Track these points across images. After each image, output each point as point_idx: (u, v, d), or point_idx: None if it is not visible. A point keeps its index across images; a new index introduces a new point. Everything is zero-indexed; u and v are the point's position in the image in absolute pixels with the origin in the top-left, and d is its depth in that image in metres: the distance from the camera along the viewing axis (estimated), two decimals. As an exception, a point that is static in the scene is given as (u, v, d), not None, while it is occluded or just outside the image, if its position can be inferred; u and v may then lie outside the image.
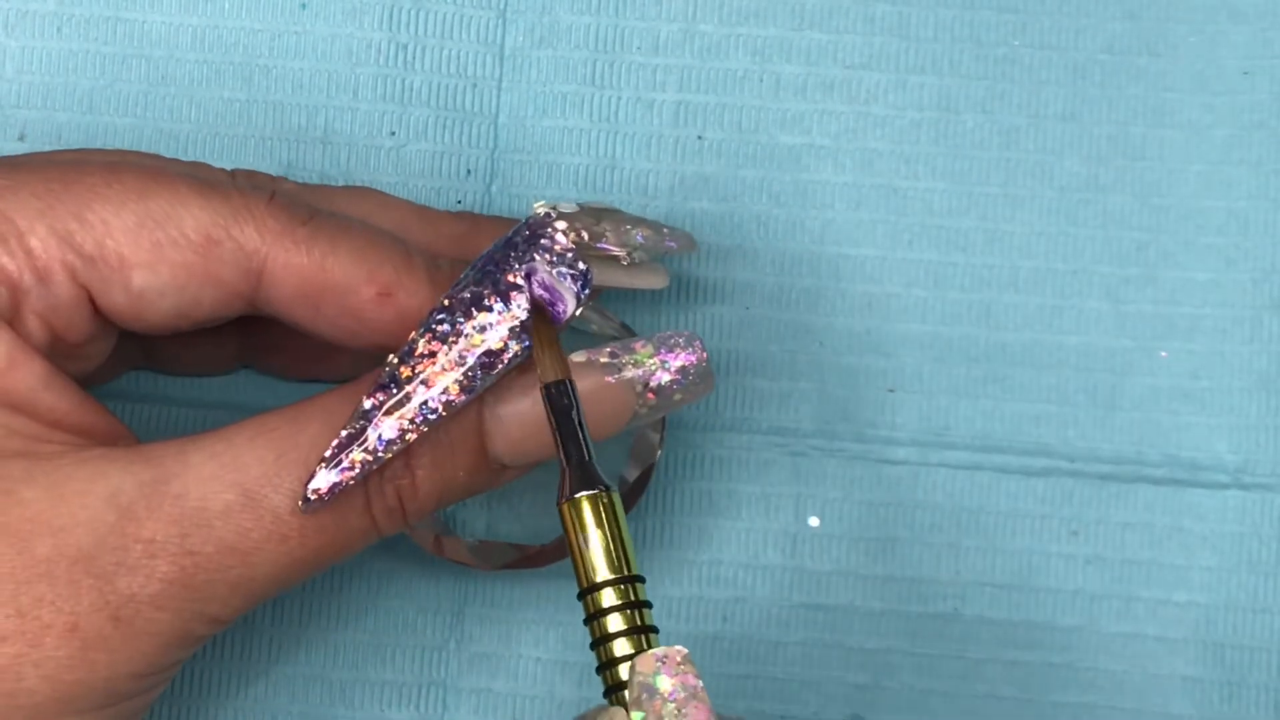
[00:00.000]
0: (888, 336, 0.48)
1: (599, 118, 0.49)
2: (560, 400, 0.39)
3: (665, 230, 0.45)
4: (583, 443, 0.39)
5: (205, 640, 0.41)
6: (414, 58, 0.49)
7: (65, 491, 0.39)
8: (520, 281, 0.40)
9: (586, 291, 0.41)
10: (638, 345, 0.42)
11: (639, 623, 0.38)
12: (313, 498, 0.39)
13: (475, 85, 0.49)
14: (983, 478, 0.48)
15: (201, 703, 0.47)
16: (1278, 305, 0.48)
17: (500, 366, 0.40)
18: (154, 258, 0.40)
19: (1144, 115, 0.49)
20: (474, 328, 0.40)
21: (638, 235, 0.44)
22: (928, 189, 0.49)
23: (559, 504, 0.38)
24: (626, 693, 0.37)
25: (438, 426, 0.40)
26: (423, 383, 0.40)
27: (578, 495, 0.38)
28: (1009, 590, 0.48)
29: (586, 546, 0.38)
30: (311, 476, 0.39)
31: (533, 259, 0.40)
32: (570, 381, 0.39)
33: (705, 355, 0.42)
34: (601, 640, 0.38)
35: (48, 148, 0.48)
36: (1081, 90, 0.49)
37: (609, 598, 0.38)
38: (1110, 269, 0.48)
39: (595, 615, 0.38)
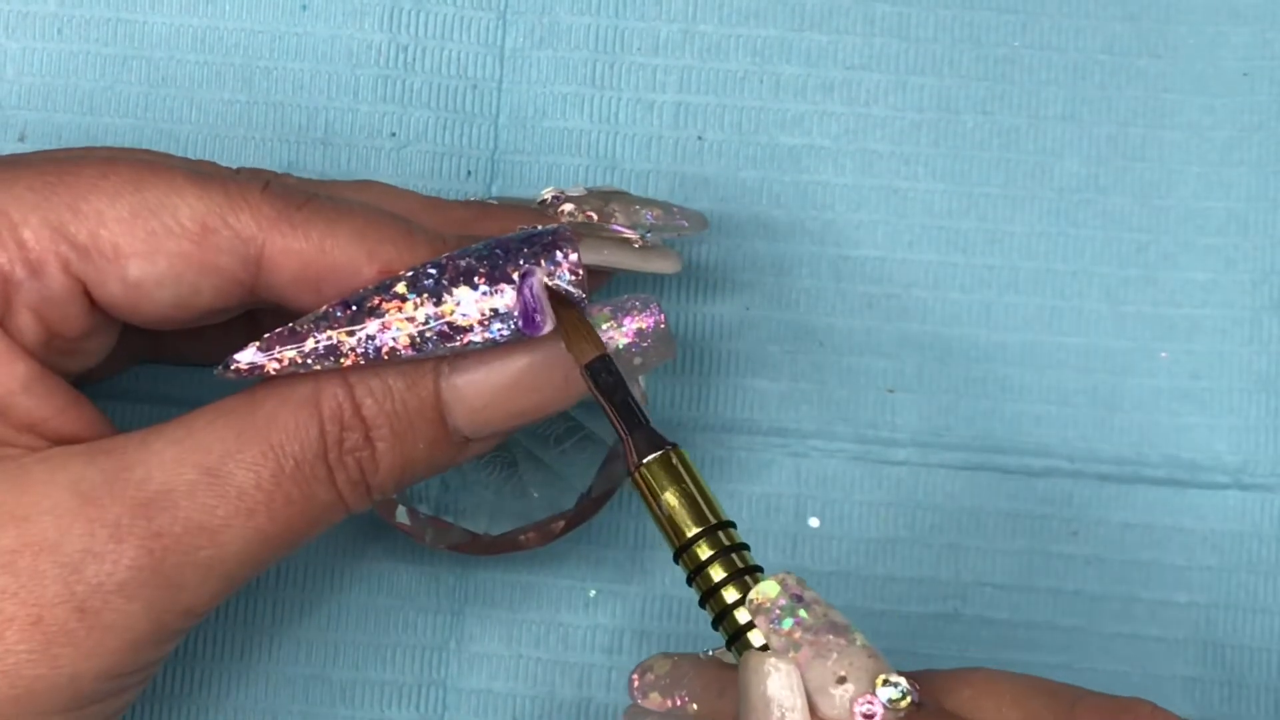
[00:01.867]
0: (888, 337, 0.48)
1: (599, 118, 0.49)
2: (604, 376, 0.39)
3: (675, 210, 0.45)
4: (636, 409, 0.38)
5: (179, 637, 0.40)
6: (414, 59, 0.49)
7: (26, 483, 0.38)
8: (515, 277, 0.40)
9: None
10: (593, 310, 0.41)
11: (741, 565, 0.38)
12: (231, 366, 0.39)
13: (475, 86, 0.49)
14: (983, 478, 0.48)
15: (201, 702, 0.47)
16: (1277, 306, 0.48)
17: (458, 344, 0.39)
18: (150, 247, 0.39)
19: (1144, 116, 0.49)
20: (452, 298, 0.39)
21: (647, 215, 0.44)
22: (927, 190, 0.49)
23: (630, 474, 0.38)
24: (751, 635, 0.37)
25: (394, 398, 0.40)
26: (379, 319, 0.39)
27: (648, 459, 0.38)
28: (1009, 590, 0.48)
29: (670, 507, 0.38)
30: (240, 350, 0.39)
31: (537, 265, 0.40)
32: (609, 356, 0.39)
33: (663, 318, 0.42)
34: (710, 593, 0.37)
35: (48, 148, 0.48)
36: (1081, 91, 0.49)
37: (705, 550, 0.38)
38: (1110, 270, 0.48)
39: (696, 571, 0.38)
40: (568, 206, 0.43)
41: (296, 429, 0.39)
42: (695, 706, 0.39)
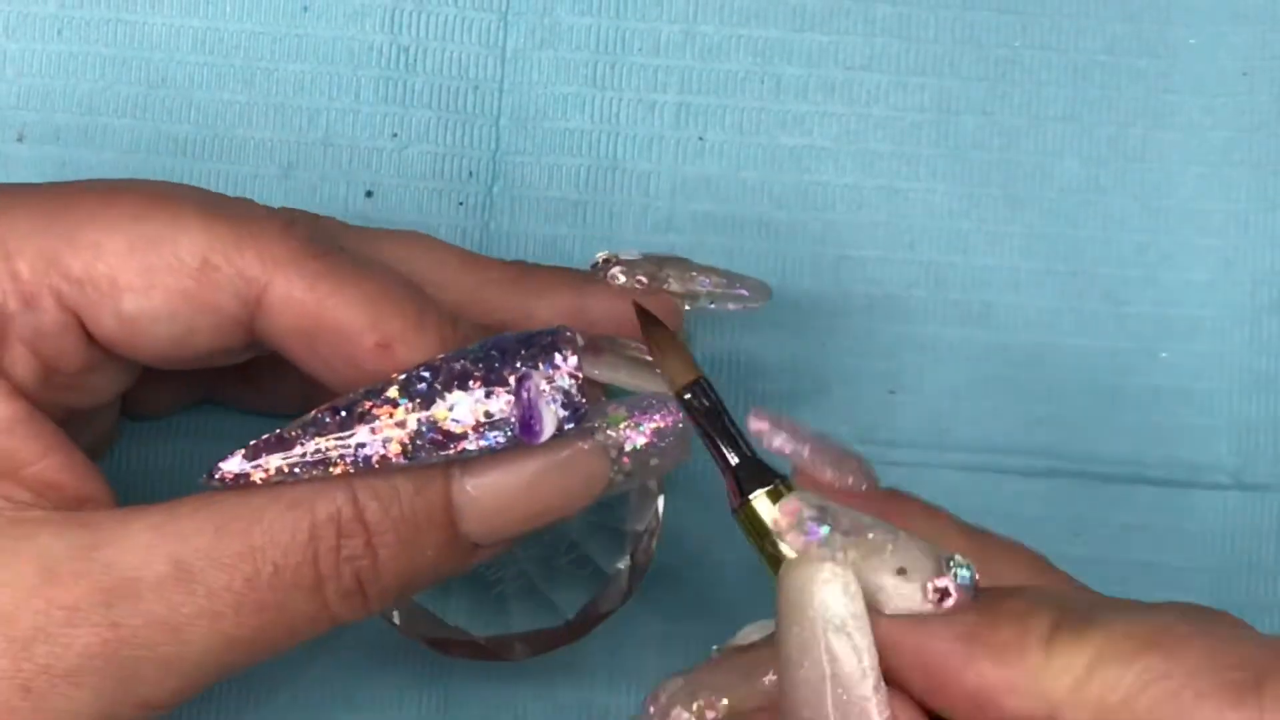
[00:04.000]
0: (888, 338, 0.48)
1: (600, 119, 0.49)
2: (702, 402, 0.37)
3: (736, 278, 0.43)
4: (739, 438, 0.37)
5: None
6: (416, 60, 0.49)
7: None
8: (512, 381, 0.38)
9: (571, 426, 0.38)
10: (610, 408, 0.40)
11: None
12: (216, 476, 0.38)
13: (477, 87, 0.49)
14: (984, 479, 0.48)
15: (205, 703, 0.47)
16: (1277, 306, 0.48)
17: (452, 451, 0.38)
18: (146, 282, 0.38)
19: (1144, 117, 0.49)
20: (445, 403, 0.38)
21: (704, 281, 0.43)
22: (928, 190, 0.49)
23: (735, 510, 0.36)
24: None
25: (402, 502, 0.38)
26: (370, 427, 0.38)
27: (757, 494, 0.36)
28: (1010, 591, 0.48)
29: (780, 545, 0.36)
30: (226, 458, 0.38)
31: (535, 368, 0.38)
32: (706, 380, 0.37)
33: (680, 416, 0.39)
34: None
35: (47, 149, 0.48)
36: (1081, 92, 0.49)
37: None
38: (1110, 270, 0.49)
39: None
40: (618, 271, 0.42)
41: (281, 532, 0.37)
42: (725, 701, 0.37)
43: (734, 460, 0.37)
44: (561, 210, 0.48)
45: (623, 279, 0.42)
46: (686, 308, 0.42)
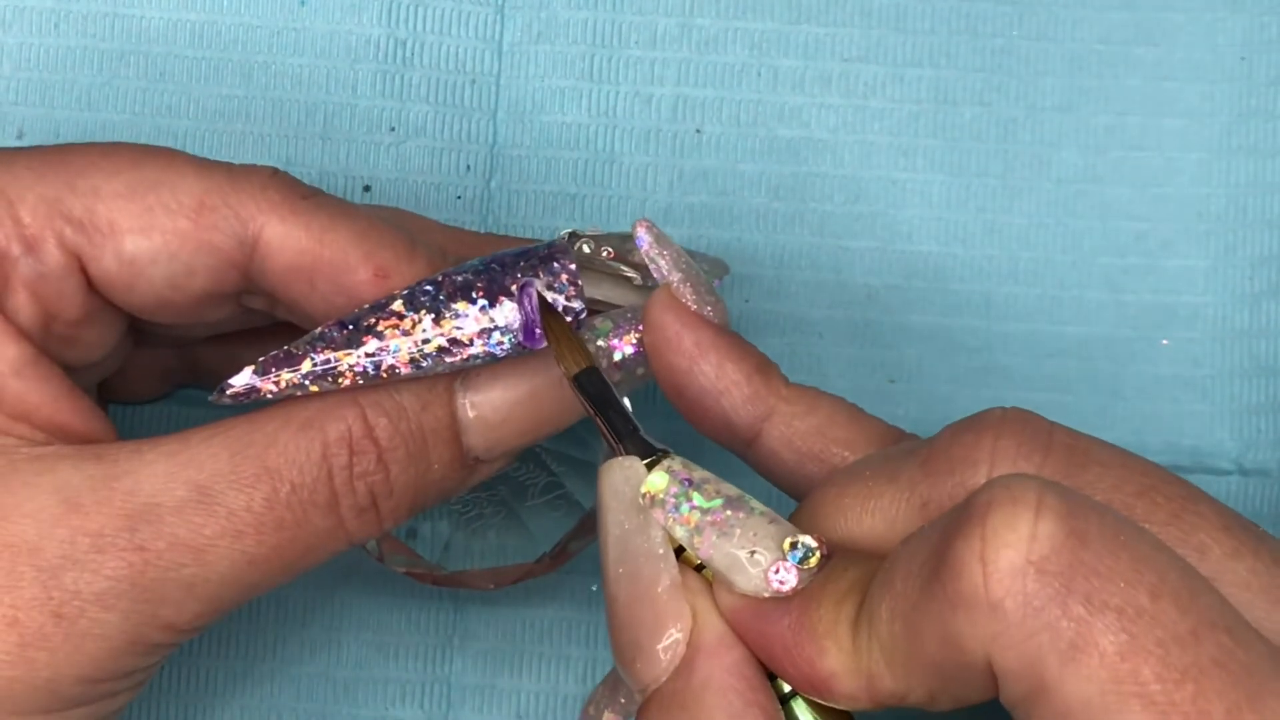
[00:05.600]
0: (888, 328, 0.48)
1: (597, 112, 0.49)
2: (592, 388, 0.38)
3: (696, 256, 0.44)
4: (626, 417, 0.38)
5: (165, 650, 0.39)
6: (413, 54, 0.49)
7: (11, 483, 0.38)
8: (514, 290, 0.40)
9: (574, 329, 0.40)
10: (595, 321, 0.41)
11: None
12: (226, 391, 0.39)
13: (474, 81, 0.49)
14: (985, 468, 0.48)
15: (206, 701, 0.47)
16: (1277, 291, 0.48)
17: (457, 359, 0.39)
18: (146, 223, 0.39)
19: (1141, 105, 0.49)
20: (450, 313, 0.39)
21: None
22: (926, 181, 0.49)
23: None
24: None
25: (409, 419, 0.39)
26: (377, 338, 0.39)
27: (635, 461, 0.38)
28: (1013, 581, 0.48)
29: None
30: (234, 376, 0.39)
31: (536, 276, 0.40)
32: (596, 367, 0.39)
33: None
34: None
35: (46, 144, 0.48)
36: (1079, 81, 0.49)
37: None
38: (1110, 259, 0.49)
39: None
40: (585, 243, 0.43)
41: (296, 452, 0.39)
42: (638, 695, 0.38)
43: (619, 437, 0.38)
44: (559, 204, 0.49)
45: (589, 250, 0.43)
46: (647, 283, 0.42)
